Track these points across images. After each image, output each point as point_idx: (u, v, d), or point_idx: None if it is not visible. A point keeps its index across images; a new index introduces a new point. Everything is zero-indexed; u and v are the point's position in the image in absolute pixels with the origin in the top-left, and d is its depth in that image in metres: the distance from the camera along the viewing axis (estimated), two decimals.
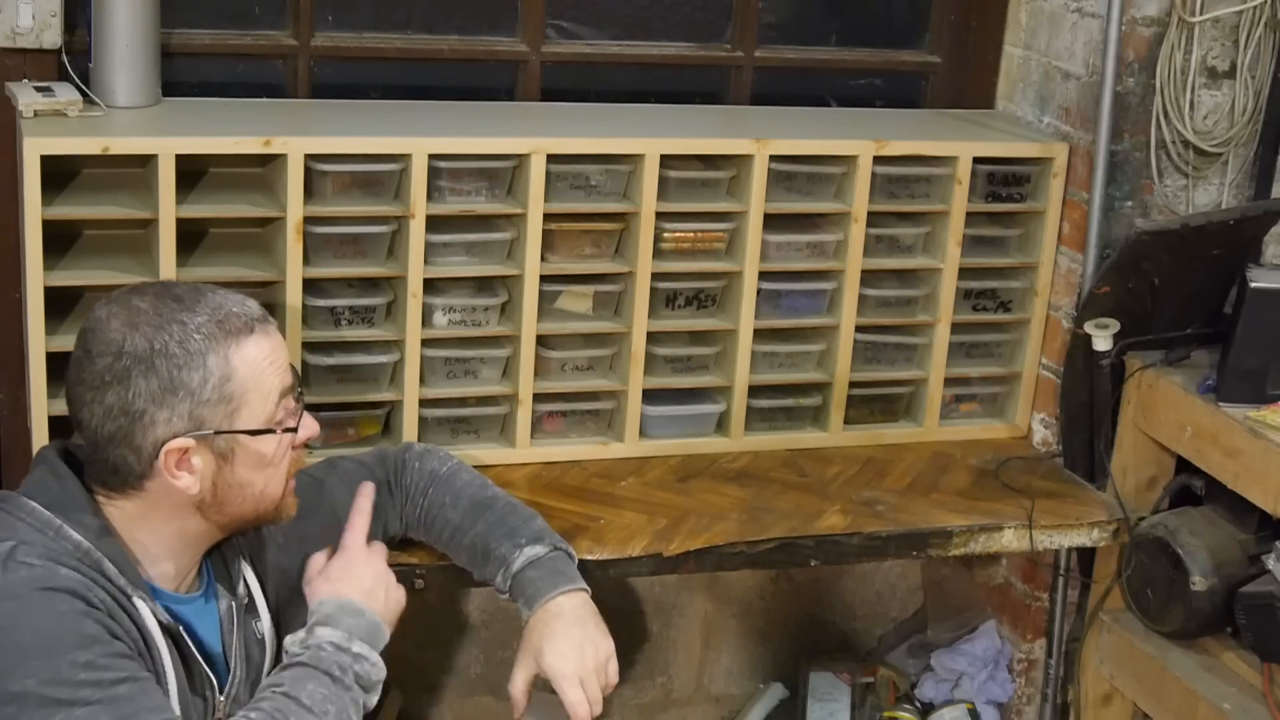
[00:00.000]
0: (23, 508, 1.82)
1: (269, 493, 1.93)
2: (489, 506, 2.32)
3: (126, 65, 2.63)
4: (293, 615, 2.12)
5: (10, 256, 2.64)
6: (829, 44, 3.26)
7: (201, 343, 1.83)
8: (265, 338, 1.89)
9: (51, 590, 1.73)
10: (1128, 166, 2.94)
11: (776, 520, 2.72)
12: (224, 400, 1.85)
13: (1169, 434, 2.82)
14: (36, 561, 1.76)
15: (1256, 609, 2.63)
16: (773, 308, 2.94)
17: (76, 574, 1.77)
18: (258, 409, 1.87)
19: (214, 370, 1.84)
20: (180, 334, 1.83)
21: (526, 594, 2.21)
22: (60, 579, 1.75)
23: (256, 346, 1.87)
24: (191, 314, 1.84)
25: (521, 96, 3.04)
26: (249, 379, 1.86)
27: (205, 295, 1.88)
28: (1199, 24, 2.84)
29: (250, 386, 1.86)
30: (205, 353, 1.83)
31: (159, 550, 1.90)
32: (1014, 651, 3.25)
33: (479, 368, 2.81)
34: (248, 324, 1.88)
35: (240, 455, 1.88)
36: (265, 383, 1.88)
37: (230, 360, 1.85)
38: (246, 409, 1.87)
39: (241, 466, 1.88)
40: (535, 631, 2.17)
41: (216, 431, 1.85)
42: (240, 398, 1.86)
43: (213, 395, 1.84)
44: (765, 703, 3.43)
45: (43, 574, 1.75)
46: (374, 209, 2.66)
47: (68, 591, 1.74)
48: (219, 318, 1.86)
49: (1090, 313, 2.88)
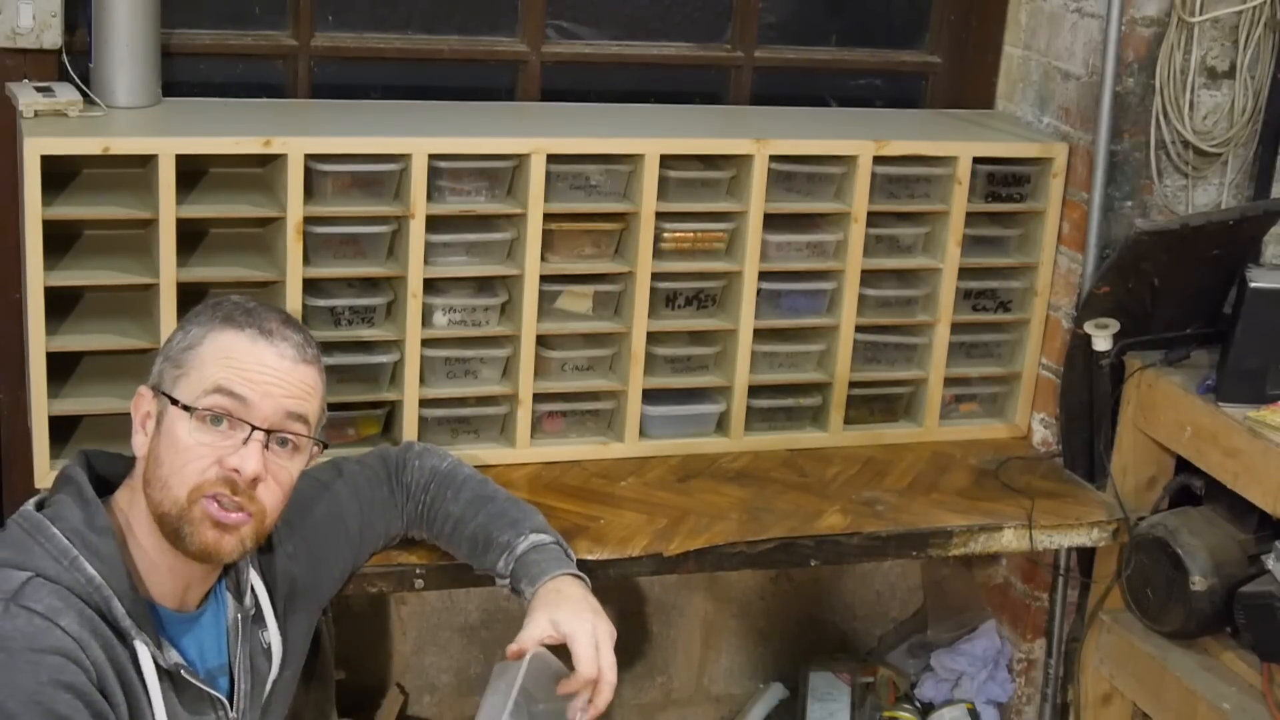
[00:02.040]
0: (44, 532, 1.82)
1: (171, 486, 1.84)
2: (490, 499, 2.32)
3: (126, 65, 2.63)
4: (298, 625, 2.11)
5: (10, 256, 2.64)
6: (829, 44, 3.26)
7: (203, 317, 1.91)
8: (251, 342, 1.88)
9: (42, 653, 1.72)
10: (1127, 166, 2.94)
11: (776, 520, 2.72)
12: (177, 363, 1.89)
13: (1169, 434, 2.82)
14: (40, 608, 1.75)
15: (1256, 609, 2.62)
16: (773, 308, 2.95)
17: (77, 624, 1.76)
18: (194, 386, 1.87)
19: (189, 336, 1.90)
20: (206, 308, 1.92)
21: (530, 574, 2.17)
22: (55, 639, 1.74)
23: (235, 341, 1.88)
24: (238, 305, 1.92)
25: (521, 96, 3.04)
26: (205, 356, 1.87)
27: (271, 309, 1.95)
28: (1199, 24, 2.84)
29: (200, 363, 1.87)
30: (195, 324, 1.91)
31: (156, 555, 1.89)
32: (1014, 651, 3.25)
33: (479, 368, 2.81)
34: (248, 323, 1.89)
35: (164, 427, 1.87)
36: (214, 370, 1.87)
37: (206, 336, 1.89)
38: (186, 381, 1.87)
39: (164, 440, 1.87)
40: (544, 599, 2.13)
41: (159, 390, 1.88)
42: (188, 366, 1.88)
43: (174, 354, 1.90)
44: (765, 703, 3.43)
45: (40, 629, 1.74)
46: (374, 209, 2.66)
47: (60, 654, 1.73)
48: (241, 310, 1.91)
49: (1090, 313, 2.88)
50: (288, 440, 1.90)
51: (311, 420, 1.93)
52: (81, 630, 1.76)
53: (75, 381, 2.61)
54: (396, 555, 2.41)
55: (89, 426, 2.60)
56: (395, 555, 2.41)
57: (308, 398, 1.92)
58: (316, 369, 1.94)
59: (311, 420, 1.93)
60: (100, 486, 1.91)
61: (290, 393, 1.89)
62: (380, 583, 2.43)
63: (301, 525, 2.16)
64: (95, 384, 2.59)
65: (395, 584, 2.45)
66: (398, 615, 3.19)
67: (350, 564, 2.29)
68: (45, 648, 1.73)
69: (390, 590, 2.50)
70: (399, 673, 3.23)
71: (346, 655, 2.99)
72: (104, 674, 1.78)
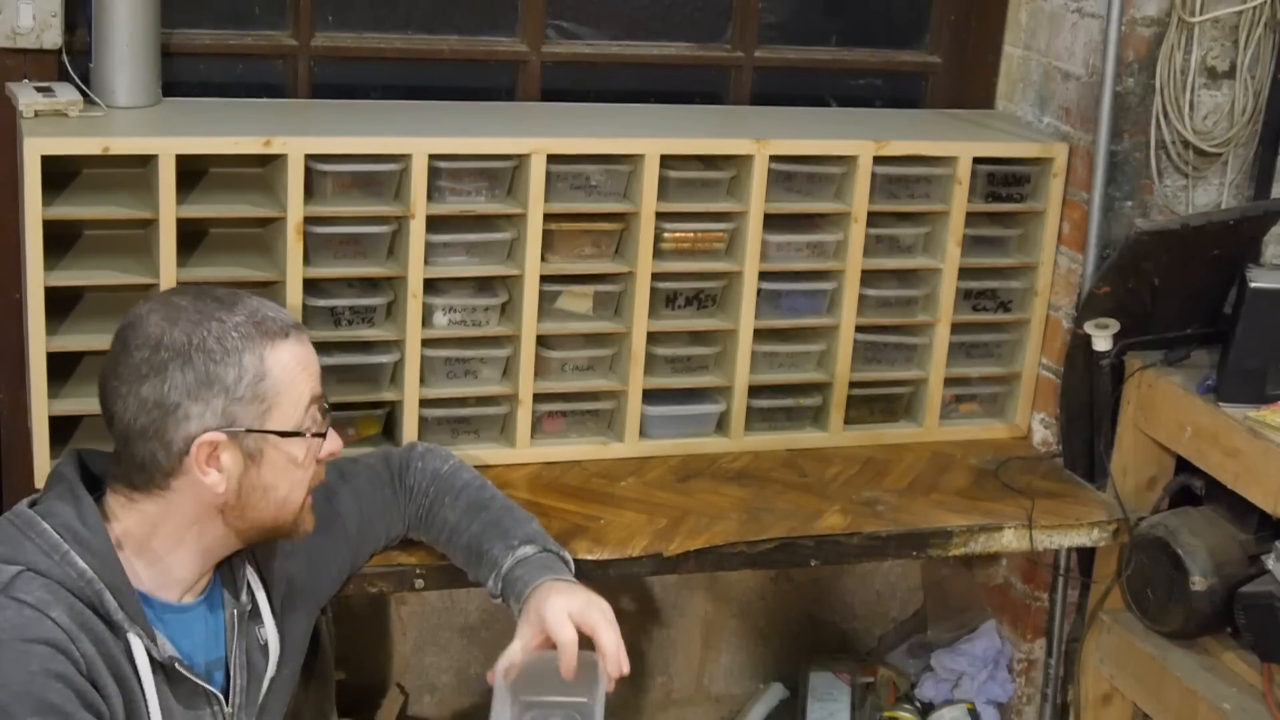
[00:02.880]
0: (35, 528, 1.83)
1: (290, 500, 1.93)
2: (485, 507, 2.32)
3: (127, 65, 2.63)
4: (296, 623, 2.11)
5: (10, 256, 2.64)
6: (829, 44, 3.26)
7: (239, 341, 1.85)
8: (299, 344, 1.91)
9: (31, 643, 1.73)
10: (1128, 166, 2.94)
11: (776, 520, 2.72)
12: (257, 399, 1.86)
13: (1169, 434, 2.81)
14: (30, 599, 1.76)
15: (1256, 609, 2.62)
16: (773, 308, 2.94)
17: (68, 616, 1.77)
18: (289, 411, 1.89)
19: (249, 368, 1.85)
20: (219, 330, 1.85)
21: (516, 590, 2.18)
22: (45, 629, 1.75)
23: (290, 351, 1.89)
24: (230, 313, 1.87)
25: (521, 96, 3.04)
26: (282, 380, 1.87)
27: (243, 299, 1.91)
28: (1199, 24, 2.84)
29: (283, 388, 1.87)
30: (241, 350, 1.85)
31: (173, 559, 1.90)
32: (1014, 651, 3.25)
33: (479, 368, 2.81)
34: (283, 328, 1.89)
35: (268, 456, 1.88)
36: (297, 387, 1.89)
37: (265, 360, 1.86)
38: (278, 410, 1.88)
39: (268, 469, 1.89)
40: (530, 602, 2.13)
41: (248, 430, 1.86)
42: (273, 398, 1.87)
43: (246, 393, 1.85)
44: (765, 703, 3.43)
45: (30, 619, 1.75)
46: (374, 209, 2.66)
47: (49, 645, 1.74)
48: (256, 319, 1.88)
49: (1090, 313, 2.88)
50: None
51: None
52: (72, 623, 1.77)
53: (75, 381, 2.60)
54: (396, 555, 2.41)
55: (89, 426, 2.59)
56: (395, 555, 2.41)
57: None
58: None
59: None
60: (94, 484, 1.92)
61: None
62: (380, 583, 2.43)
63: None
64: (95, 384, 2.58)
65: (395, 584, 2.45)
66: (398, 615, 3.19)
67: (349, 564, 2.29)
68: (35, 638, 1.74)
69: (390, 590, 2.50)
70: (399, 673, 3.23)
71: (346, 655, 2.99)
72: (95, 666, 1.78)
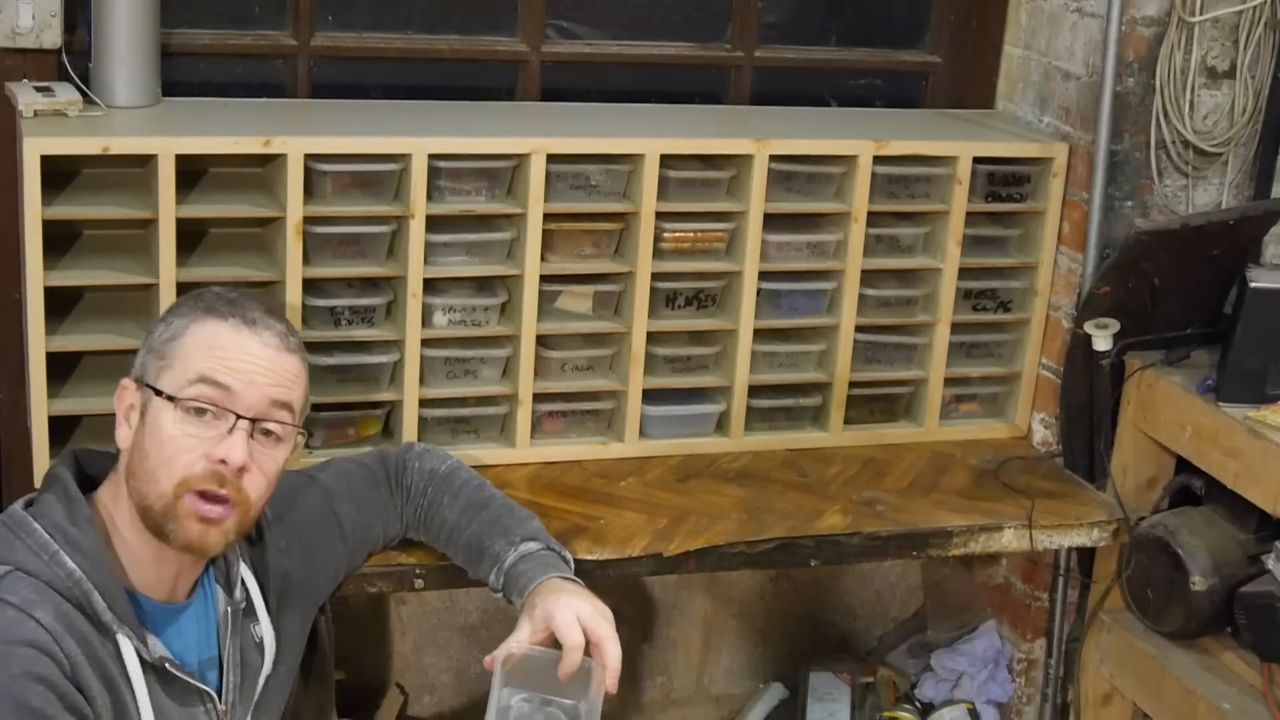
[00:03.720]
0: (26, 528, 1.83)
1: (159, 481, 1.84)
2: (485, 506, 2.31)
3: (126, 65, 2.63)
4: (292, 621, 2.11)
5: (10, 256, 2.64)
6: (829, 44, 3.26)
7: (187, 309, 1.91)
8: (235, 331, 1.89)
9: (14, 645, 1.73)
10: (1128, 166, 2.94)
11: (776, 520, 2.72)
12: (160, 354, 1.89)
13: (1169, 434, 2.81)
14: (15, 600, 1.76)
15: (1256, 609, 2.62)
16: (773, 308, 2.94)
17: (53, 617, 1.76)
18: (178, 376, 1.87)
19: (172, 327, 1.90)
20: (188, 300, 1.93)
21: (519, 585, 2.16)
22: (28, 631, 1.74)
23: (218, 330, 1.89)
24: (217, 298, 1.92)
25: (521, 96, 3.04)
26: (188, 346, 1.88)
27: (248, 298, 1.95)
28: (1199, 24, 2.84)
29: (184, 354, 1.87)
30: (180, 315, 1.91)
31: (140, 548, 1.89)
32: (1014, 651, 3.25)
33: (479, 368, 2.81)
34: (230, 313, 1.90)
35: (149, 420, 1.87)
36: (197, 360, 1.87)
37: (189, 327, 1.89)
38: (169, 372, 1.87)
39: (149, 434, 1.86)
40: (536, 597, 2.10)
41: (140, 380, 1.89)
42: (171, 357, 1.88)
43: (156, 345, 1.90)
44: (765, 703, 3.43)
45: (13, 621, 1.74)
46: (374, 209, 2.66)
47: (33, 646, 1.73)
48: (222, 300, 1.92)
49: (1090, 313, 2.88)
50: (272, 430, 1.90)
51: (296, 409, 1.93)
52: (57, 624, 1.76)
53: (75, 381, 2.61)
54: (396, 555, 2.41)
55: (89, 426, 2.59)
56: (395, 555, 2.41)
57: (291, 386, 1.92)
58: (299, 358, 1.95)
59: (296, 409, 1.93)
60: (89, 485, 1.92)
61: (274, 381, 1.89)
62: (380, 583, 2.43)
63: (293, 520, 2.16)
64: (95, 384, 2.59)
65: (395, 584, 2.45)
66: (398, 615, 3.19)
67: (345, 564, 2.29)
68: (17, 640, 1.73)
69: (390, 590, 2.50)
70: (399, 673, 3.23)
71: (346, 655, 2.98)
72: (80, 668, 1.77)
